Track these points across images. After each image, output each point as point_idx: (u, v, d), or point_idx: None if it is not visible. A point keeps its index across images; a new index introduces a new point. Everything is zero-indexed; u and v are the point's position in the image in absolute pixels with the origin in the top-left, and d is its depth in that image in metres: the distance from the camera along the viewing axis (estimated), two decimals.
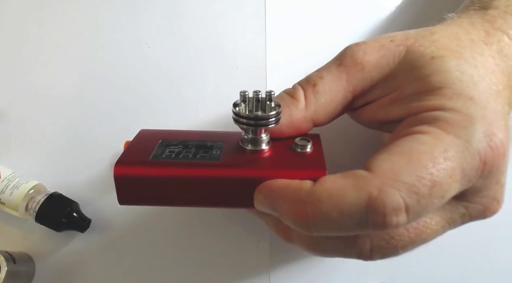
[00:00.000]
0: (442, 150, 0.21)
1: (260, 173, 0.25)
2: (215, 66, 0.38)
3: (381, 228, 0.21)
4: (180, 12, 0.38)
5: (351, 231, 0.22)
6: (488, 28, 0.26)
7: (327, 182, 0.22)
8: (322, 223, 0.21)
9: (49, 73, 0.38)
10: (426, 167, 0.20)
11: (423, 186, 0.20)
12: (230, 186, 0.25)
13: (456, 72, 0.23)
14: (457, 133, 0.21)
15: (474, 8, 0.28)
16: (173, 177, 0.25)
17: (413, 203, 0.20)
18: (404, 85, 0.25)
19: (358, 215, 0.21)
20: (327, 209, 0.21)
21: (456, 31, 0.26)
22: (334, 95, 0.26)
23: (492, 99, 0.23)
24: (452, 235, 0.37)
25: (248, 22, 0.38)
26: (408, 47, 0.25)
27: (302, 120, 0.27)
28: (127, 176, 0.25)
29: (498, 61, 0.25)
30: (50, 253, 0.37)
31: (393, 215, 0.20)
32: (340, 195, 0.21)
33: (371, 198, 0.20)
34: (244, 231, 0.37)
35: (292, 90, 0.28)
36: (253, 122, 0.25)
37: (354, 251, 0.24)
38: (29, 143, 0.38)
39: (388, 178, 0.20)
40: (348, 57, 0.26)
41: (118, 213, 0.37)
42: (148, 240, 0.37)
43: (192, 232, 0.37)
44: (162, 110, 0.38)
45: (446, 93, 0.23)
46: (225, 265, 0.37)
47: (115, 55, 0.38)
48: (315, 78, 0.27)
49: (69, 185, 0.37)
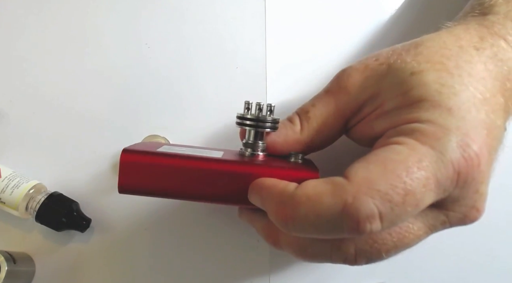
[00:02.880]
0: (416, 159, 0.22)
1: (256, 170, 0.27)
2: (215, 67, 0.38)
3: (356, 233, 0.21)
4: (180, 13, 0.38)
5: (328, 235, 0.23)
6: (483, 33, 0.26)
7: (308, 186, 0.23)
8: (300, 224, 0.22)
9: (49, 73, 0.38)
10: (400, 176, 0.21)
11: (396, 194, 0.21)
12: (228, 179, 0.27)
13: (435, 85, 0.24)
14: (432, 144, 0.22)
15: (473, 14, 0.28)
16: (175, 166, 0.27)
17: (386, 210, 0.21)
18: (387, 101, 0.26)
19: (333, 220, 0.21)
20: (305, 212, 0.22)
21: (443, 40, 0.26)
22: (325, 119, 0.28)
23: (474, 109, 0.23)
24: (451, 235, 0.37)
25: (248, 22, 0.38)
26: (390, 64, 0.26)
27: (296, 141, 0.29)
28: (133, 162, 0.27)
29: (490, 66, 0.25)
30: (50, 253, 0.37)
31: (367, 222, 0.21)
32: (318, 200, 0.22)
33: (346, 205, 0.21)
34: (244, 232, 0.37)
35: (290, 116, 0.30)
36: (254, 123, 0.28)
37: (339, 255, 0.25)
38: (29, 142, 0.38)
39: (363, 185, 0.21)
40: (335, 84, 0.28)
41: (118, 213, 0.37)
42: (148, 240, 0.37)
43: (192, 232, 0.37)
44: (162, 110, 0.38)
45: (423, 105, 0.23)
46: (225, 265, 0.37)
47: (115, 56, 0.38)
48: (308, 106, 0.29)
49: (69, 185, 0.37)
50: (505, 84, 0.25)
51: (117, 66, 0.38)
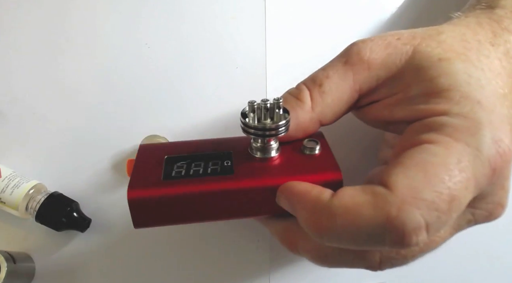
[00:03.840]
0: (455, 161, 0.21)
1: (277, 182, 0.25)
2: (215, 66, 0.38)
3: (400, 247, 0.20)
4: (180, 12, 0.38)
5: (366, 247, 0.22)
6: (495, 28, 0.26)
7: (345, 196, 0.22)
8: (336, 236, 0.21)
9: (49, 73, 0.38)
10: (443, 181, 0.20)
11: (442, 202, 0.20)
12: (246, 198, 0.25)
13: (463, 75, 0.23)
14: (467, 141, 0.21)
15: (480, 7, 0.28)
16: (189, 196, 0.25)
17: (433, 220, 0.20)
18: (411, 86, 0.24)
19: (375, 233, 0.20)
20: (342, 224, 0.21)
21: (463, 32, 0.25)
22: (340, 94, 0.26)
23: (498, 103, 0.23)
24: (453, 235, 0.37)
25: (248, 22, 0.38)
26: (415, 46, 0.25)
27: (309, 122, 0.27)
28: (141, 199, 0.25)
29: (505, 63, 0.24)
30: (50, 253, 0.37)
31: (413, 235, 0.20)
32: (357, 212, 0.21)
33: (390, 218, 0.20)
34: (244, 231, 0.37)
35: (297, 92, 0.27)
36: (261, 133, 0.25)
37: (363, 263, 0.24)
38: (29, 142, 0.38)
39: (407, 195, 0.20)
40: (355, 55, 0.26)
41: (118, 213, 0.37)
42: (148, 239, 0.37)
43: (192, 232, 0.37)
44: (162, 110, 0.38)
45: (453, 96, 0.22)
46: (225, 265, 0.37)
47: (115, 56, 0.38)
48: (321, 77, 0.26)
49: (69, 185, 0.37)
50: None
51: (117, 66, 0.38)
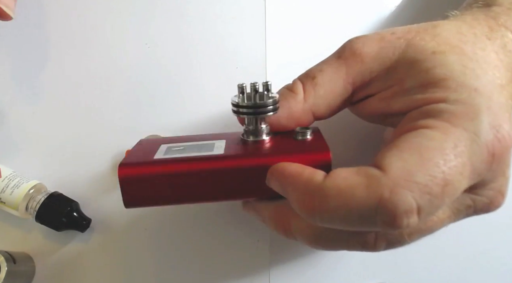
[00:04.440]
0: (452, 145, 0.20)
1: (264, 161, 0.25)
2: (215, 66, 0.38)
3: (390, 228, 0.20)
4: (180, 12, 0.38)
5: (358, 228, 0.21)
6: (492, 24, 0.26)
7: (338, 178, 0.21)
8: (328, 217, 0.21)
9: (49, 73, 0.38)
10: (438, 165, 0.20)
11: (435, 186, 0.20)
12: (235, 177, 0.25)
13: (458, 66, 0.23)
14: (464, 126, 0.21)
15: (477, 5, 0.28)
16: (178, 172, 0.25)
17: (425, 203, 0.20)
18: (406, 78, 0.24)
19: (367, 215, 0.20)
20: (335, 205, 0.21)
21: (459, 26, 0.25)
22: (333, 86, 0.26)
23: (496, 92, 0.23)
24: (452, 235, 0.37)
25: (248, 22, 0.38)
26: (409, 40, 0.25)
27: (301, 112, 0.27)
28: (132, 176, 0.25)
29: (502, 56, 0.24)
30: (50, 253, 0.37)
31: (404, 217, 0.20)
32: (350, 193, 0.20)
33: (382, 199, 0.20)
34: (244, 231, 0.37)
35: (290, 85, 0.28)
36: (252, 111, 0.26)
37: (358, 241, 0.23)
38: (29, 142, 0.38)
39: (400, 178, 0.20)
40: (348, 50, 0.26)
41: (118, 212, 0.37)
42: (148, 239, 0.37)
43: (192, 232, 0.37)
44: (162, 110, 0.38)
45: (450, 84, 0.22)
46: (225, 265, 0.37)
47: (115, 56, 0.38)
48: (315, 71, 0.27)
49: (69, 185, 0.37)
50: None
51: (117, 66, 0.38)
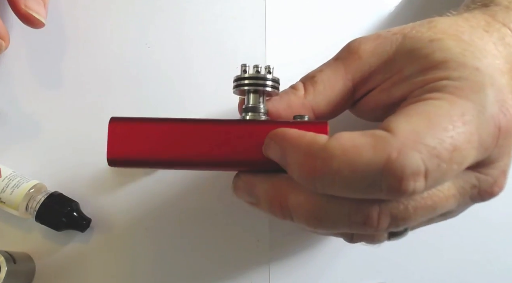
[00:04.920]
0: (459, 113, 0.20)
1: (260, 126, 0.25)
2: (215, 67, 0.38)
3: (395, 194, 0.19)
4: (180, 12, 0.38)
5: (361, 194, 0.20)
6: (489, 19, 0.26)
7: (343, 138, 0.20)
8: (330, 179, 0.20)
9: (49, 73, 0.38)
10: (447, 130, 0.20)
11: (444, 150, 0.19)
12: (230, 138, 0.25)
13: (457, 49, 0.23)
14: (470, 98, 0.21)
15: (475, 6, 0.28)
16: (170, 129, 0.25)
17: (433, 167, 0.19)
18: (405, 66, 0.24)
19: (372, 176, 0.19)
20: (338, 166, 0.20)
21: (455, 19, 0.26)
22: (333, 83, 0.27)
23: (497, 73, 0.23)
24: (452, 235, 0.37)
25: (248, 22, 0.38)
26: (405, 34, 0.25)
27: (301, 106, 0.27)
28: (121, 129, 0.25)
29: (500, 48, 0.24)
30: (50, 253, 0.37)
31: (411, 180, 0.19)
32: (356, 153, 0.19)
33: (390, 160, 0.19)
34: (244, 231, 0.37)
35: (293, 84, 0.29)
36: (253, 82, 0.26)
37: (360, 215, 0.22)
38: (29, 142, 0.38)
39: (409, 139, 0.19)
40: (345, 51, 0.27)
41: (118, 212, 0.37)
42: (148, 239, 0.37)
43: (192, 232, 0.37)
44: (162, 110, 0.38)
45: (451, 65, 0.22)
46: (225, 265, 0.37)
47: (115, 56, 0.38)
48: (314, 72, 0.28)
49: (69, 185, 0.37)
50: None
51: (117, 66, 0.38)
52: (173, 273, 0.37)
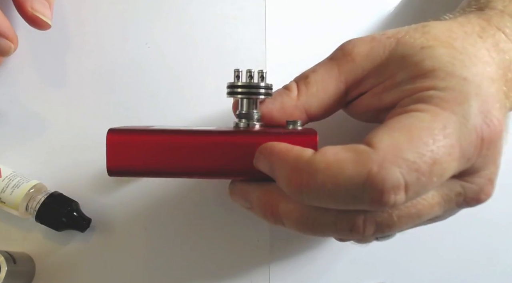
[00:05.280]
0: (441, 126, 0.21)
1: (252, 139, 0.26)
2: (215, 67, 0.38)
3: (377, 205, 0.20)
4: (180, 12, 0.38)
5: (345, 206, 0.21)
6: (484, 24, 0.26)
7: (327, 153, 0.21)
8: (315, 193, 0.21)
9: (49, 73, 0.38)
10: (427, 144, 0.20)
11: (423, 163, 0.20)
12: (223, 151, 0.26)
13: (447, 58, 0.23)
14: (453, 110, 0.21)
15: (470, 9, 0.28)
16: (166, 141, 0.25)
17: (412, 180, 0.20)
18: (396, 73, 0.25)
19: (354, 190, 0.20)
20: (323, 180, 0.21)
21: (449, 24, 0.26)
22: (326, 85, 0.27)
23: (486, 82, 0.23)
24: (452, 235, 0.37)
25: (248, 22, 0.38)
26: (399, 39, 0.26)
27: (294, 108, 0.27)
28: (119, 141, 0.26)
29: (494, 54, 0.25)
30: (50, 253, 0.37)
31: (391, 193, 0.20)
32: (339, 167, 0.20)
33: (371, 174, 0.20)
34: (244, 231, 0.37)
35: (286, 85, 0.29)
36: (246, 90, 0.27)
37: (346, 223, 0.23)
38: (29, 142, 0.38)
39: (389, 153, 0.20)
40: (339, 51, 0.28)
41: (118, 212, 0.37)
42: (148, 239, 0.37)
43: (192, 232, 0.37)
44: (162, 110, 0.38)
45: (439, 74, 0.23)
46: (225, 265, 0.37)
47: (115, 55, 0.38)
48: (308, 72, 0.28)
49: (69, 185, 0.37)
50: (507, 74, 0.25)
51: (117, 66, 0.38)
52: (173, 273, 0.37)
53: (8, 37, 0.34)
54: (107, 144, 0.26)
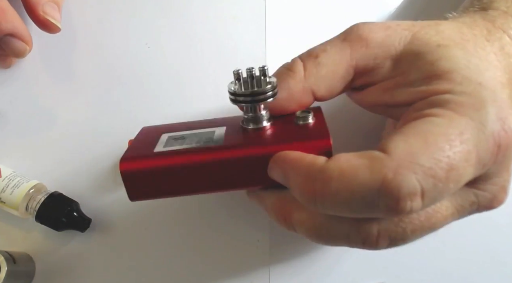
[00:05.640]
0: (458, 132, 0.20)
1: (264, 150, 0.25)
2: (215, 67, 0.38)
3: (393, 213, 0.20)
4: (180, 12, 0.38)
5: (360, 214, 0.21)
6: (489, 27, 0.26)
7: (341, 160, 0.21)
8: (330, 201, 0.21)
9: (49, 73, 0.38)
10: (443, 149, 0.20)
11: (440, 169, 0.20)
12: (236, 166, 0.25)
13: (462, 60, 0.23)
14: (471, 116, 0.21)
15: (474, 9, 0.28)
16: (179, 165, 0.25)
17: (429, 187, 0.19)
18: (410, 70, 0.24)
19: (370, 197, 0.20)
20: (337, 188, 0.20)
21: (459, 26, 0.26)
22: (336, 68, 0.26)
23: (498, 88, 0.23)
24: (452, 235, 0.37)
25: (248, 22, 0.38)
26: (414, 33, 0.25)
27: (302, 91, 0.26)
28: (133, 171, 0.25)
29: (500, 58, 0.25)
30: (50, 253, 0.37)
31: (408, 200, 0.19)
32: (353, 174, 0.20)
33: (386, 181, 0.19)
34: (244, 231, 0.37)
35: (290, 63, 0.27)
36: (250, 99, 0.25)
37: (360, 236, 0.23)
38: (29, 142, 0.38)
39: (405, 160, 0.19)
40: (354, 33, 0.26)
41: (118, 212, 0.37)
42: (148, 239, 0.37)
43: (192, 232, 0.37)
44: (162, 110, 0.38)
45: (455, 77, 0.22)
46: (225, 265, 0.37)
47: (115, 55, 0.38)
48: (318, 50, 0.26)
49: (69, 184, 0.37)
50: None
51: (117, 66, 0.38)
52: (173, 273, 0.37)
53: (24, 39, 0.34)
54: (121, 174, 0.25)
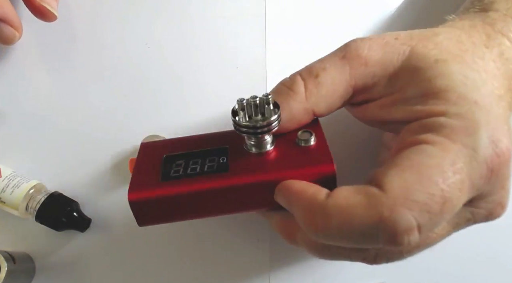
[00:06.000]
0: (450, 162, 0.21)
1: (270, 177, 0.26)
2: (215, 66, 0.38)
3: (392, 245, 0.21)
4: (180, 12, 0.38)
5: (360, 246, 0.22)
6: (489, 31, 0.26)
7: (339, 197, 0.22)
8: (331, 235, 0.22)
9: (49, 73, 0.38)
10: (437, 183, 0.20)
11: (434, 204, 0.20)
12: (242, 194, 0.26)
13: (459, 76, 0.23)
14: (463, 142, 0.21)
15: (474, 10, 0.28)
16: (185, 195, 0.26)
17: (425, 221, 0.20)
18: (408, 86, 0.24)
19: (369, 233, 0.21)
20: (337, 224, 0.21)
21: (458, 34, 0.26)
22: (336, 87, 0.26)
23: (495, 103, 0.23)
24: (452, 235, 0.37)
25: (248, 22, 0.38)
26: (412, 47, 0.25)
27: (303, 112, 0.26)
28: (141, 201, 0.26)
29: (499, 64, 0.25)
30: (50, 253, 0.37)
31: (405, 235, 0.20)
32: (351, 212, 0.21)
33: (383, 218, 0.20)
34: (244, 231, 0.37)
35: (290, 82, 0.27)
36: (253, 131, 0.25)
37: (359, 255, 0.24)
38: (29, 142, 0.38)
39: (400, 197, 0.20)
40: (353, 51, 0.26)
41: (118, 212, 0.37)
42: (148, 239, 0.37)
43: (192, 232, 0.37)
44: (162, 110, 0.38)
45: (450, 97, 0.23)
46: (225, 265, 0.37)
47: (115, 55, 0.38)
48: (318, 69, 0.26)
49: (69, 185, 0.37)
50: (511, 84, 0.25)
51: (117, 66, 0.38)
52: (173, 273, 0.37)
53: (13, 25, 0.33)
54: (130, 204, 0.26)
